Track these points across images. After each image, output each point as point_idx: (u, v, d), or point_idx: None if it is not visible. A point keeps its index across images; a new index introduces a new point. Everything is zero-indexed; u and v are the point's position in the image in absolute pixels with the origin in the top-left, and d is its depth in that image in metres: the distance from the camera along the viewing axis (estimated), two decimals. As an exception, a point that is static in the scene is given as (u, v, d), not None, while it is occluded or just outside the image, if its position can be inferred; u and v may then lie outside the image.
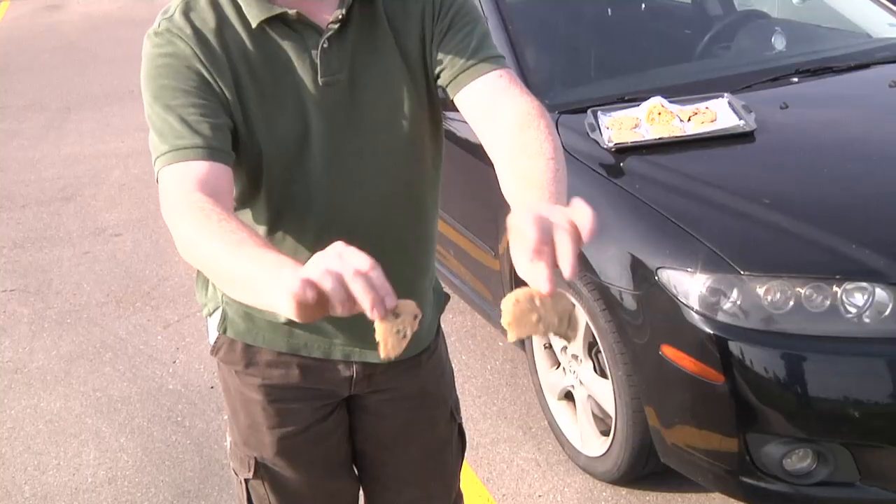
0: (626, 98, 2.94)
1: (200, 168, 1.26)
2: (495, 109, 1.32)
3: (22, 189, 5.62)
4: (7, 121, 7.11)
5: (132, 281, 4.30)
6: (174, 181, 1.25)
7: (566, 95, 3.11)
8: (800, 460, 2.24)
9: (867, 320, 2.15)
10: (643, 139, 2.69)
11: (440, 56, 1.39)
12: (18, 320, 4.01)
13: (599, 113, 2.84)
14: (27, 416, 3.30)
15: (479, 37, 1.39)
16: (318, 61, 1.36)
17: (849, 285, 2.17)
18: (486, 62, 1.37)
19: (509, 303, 1.03)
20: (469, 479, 2.71)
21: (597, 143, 2.71)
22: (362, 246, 1.37)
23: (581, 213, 0.99)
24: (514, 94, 1.33)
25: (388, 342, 1.00)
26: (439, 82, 1.41)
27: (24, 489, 2.92)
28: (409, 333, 1.00)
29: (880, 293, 2.16)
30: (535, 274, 1.00)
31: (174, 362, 3.57)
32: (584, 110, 2.87)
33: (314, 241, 1.24)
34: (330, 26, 1.36)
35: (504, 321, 1.04)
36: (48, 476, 2.97)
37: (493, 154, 1.29)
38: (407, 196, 1.47)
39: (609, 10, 3.68)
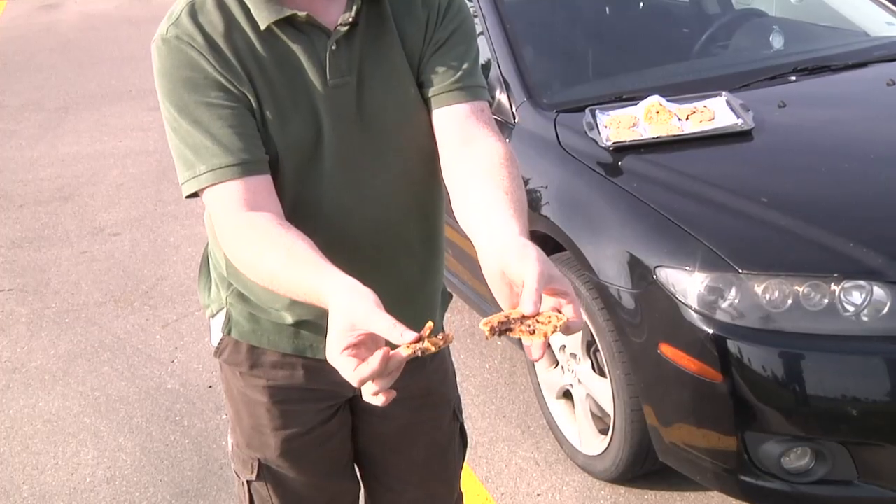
0: (624, 97, 2.94)
1: (240, 188, 1.30)
2: (473, 141, 1.37)
3: (20, 189, 5.62)
4: (4, 121, 7.10)
5: (130, 280, 4.29)
6: (219, 207, 1.32)
7: (564, 94, 3.11)
8: (798, 458, 2.24)
9: (865, 318, 2.16)
10: (641, 138, 2.69)
11: (431, 65, 1.41)
12: (17, 320, 4.00)
13: (598, 112, 2.84)
14: (25, 415, 3.30)
15: (472, 61, 1.43)
16: (326, 63, 1.36)
17: (847, 283, 2.17)
18: (474, 89, 1.42)
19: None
20: (468, 478, 2.71)
21: (595, 141, 2.71)
22: (370, 245, 1.37)
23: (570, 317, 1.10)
24: (492, 131, 1.40)
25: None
26: (422, 90, 1.43)
27: (23, 489, 2.92)
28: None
29: (878, 291, 2.16)
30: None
31: (172, 362, 3.57)
32: (582, 109, 2.87)
33: (324, 241, 1.25)
34: (339, 28, 1.36)
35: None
36: (46, 476, 2.97)
37: (461, 180, 1.34)
38: (414, 196, 1.47)
39: (607, 9, 3.68)
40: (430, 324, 1.07)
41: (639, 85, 3.04)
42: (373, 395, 1.09)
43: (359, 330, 1.08)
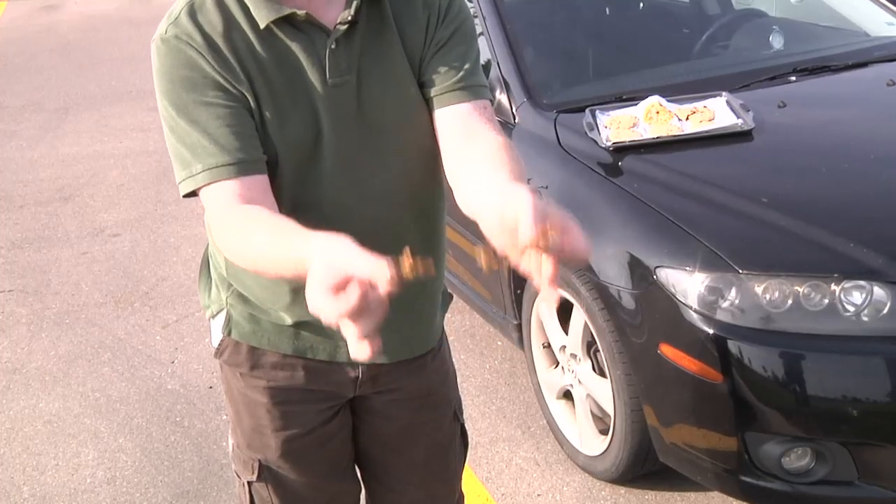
0: (624, 97, 2.94)
1: (236, 187, 1.30)
2: (475, 136, 1.37)
3: (20, 189, 5.62)
4: (5, 121, 7.10)
5: (130, 281, 4.29)
6: (215, 206, 1.32)
7: (564, 94, 3.11)
8: (798, 459, 2.24)
9: (865, 318, 2.16)
10: (641, 138, 2.69)
11: (433, 66, 1.41)
12: (17, 321, 4.00)
13: (598, 112, 2.84)
14: (26, 416, 3.30)
15: (473, 61, 1.43)
16: (326, 62, 1.36)
17: (847, 284, 2.17)
18: (476, 88, 1.42)
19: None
20: (468, 479, 2.70)
21: (595, 142, 2.71)
22: (370, 245, 1.36)
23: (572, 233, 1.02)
24: (493, 128, 1.39)
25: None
26: (424, 90, 1.43)
27: (23, 490, 2.92)
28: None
29: (878, 291, 2.16)
30: (536, 273, 1.02)
31: (173, 362, 3.57)
32: (582, 109, 2.87)
33: None
34: (338, 27, 1.36)
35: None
36: (47, 477, 2.97)
37: (464, 172, 1.32)
38: (414, 195, 1.47)
39: (607, 10, 3.68)
40: (407, 249, 1.04)
41: (639, 85, 3.04)
42: (357, 342, 1.00)
43: (338, 271, 1.01)
